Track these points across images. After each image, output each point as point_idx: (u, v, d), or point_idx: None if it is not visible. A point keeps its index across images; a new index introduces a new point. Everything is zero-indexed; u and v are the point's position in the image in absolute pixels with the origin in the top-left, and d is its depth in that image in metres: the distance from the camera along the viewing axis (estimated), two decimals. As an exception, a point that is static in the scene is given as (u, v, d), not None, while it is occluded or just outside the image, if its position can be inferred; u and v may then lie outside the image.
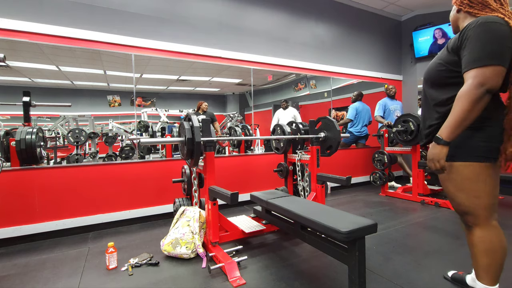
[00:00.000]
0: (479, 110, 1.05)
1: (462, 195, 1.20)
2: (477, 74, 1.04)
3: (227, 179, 3.31)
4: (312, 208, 1.76)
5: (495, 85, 1.04)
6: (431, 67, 1.29)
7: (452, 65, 1.17)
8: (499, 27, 1.05)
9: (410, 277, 1.66)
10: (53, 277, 1.80)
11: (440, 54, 1.27)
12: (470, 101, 1.04)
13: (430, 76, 1.29)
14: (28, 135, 2.39)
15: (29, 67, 4.28)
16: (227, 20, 3.52)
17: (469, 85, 1.05)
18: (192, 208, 2.16)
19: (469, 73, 1.06)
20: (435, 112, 1.26)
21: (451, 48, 1.19)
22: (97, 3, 2.79)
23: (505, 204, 3.22)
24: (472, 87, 1.04)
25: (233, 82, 5.85)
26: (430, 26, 4.65)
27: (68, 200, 2.55)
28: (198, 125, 1.85)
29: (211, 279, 1.70)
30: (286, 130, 2.61)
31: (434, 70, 1.27)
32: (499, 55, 1.04)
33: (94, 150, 3.78)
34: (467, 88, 1.05)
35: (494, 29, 1.05)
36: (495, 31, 1.05)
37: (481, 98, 1.04)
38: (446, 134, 1.10)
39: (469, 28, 1.10)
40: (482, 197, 1.16)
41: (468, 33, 1.10)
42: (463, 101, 1.05)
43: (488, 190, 1.16)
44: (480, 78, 1.03)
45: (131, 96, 4.92)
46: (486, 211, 1.17)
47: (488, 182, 1.16)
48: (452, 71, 1.17)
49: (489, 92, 1.04)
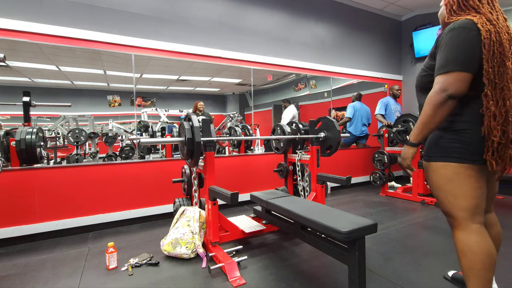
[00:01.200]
0: (442, 115, 1.08)
1: (440, 194, 1.21)
2: (440, 80, 1.08)
3: (227, 179, 3.31)
4: (312, 208, 1.75)
5: (458, 91, 1.06)
6: (418, 73, 1.33)
7: (432, 70, 1.19)
8: (467, 32, 1.06)
9: (410, 277, 1.66)
10: (53, 277, 1.80)
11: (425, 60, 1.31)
12: (432, 106, 1.08)
13: (417, 82, 1.34)
14: (28, 135, 2.39)
15: (29, 67, 4.28)
16: (227, 20, 3.52)
17: (433, 90, 1.09)
18: (192, 208, 2.16)
19: (436, 79, 1.10)
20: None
21: (430, 54, 1.23)
22: (97, 3, 2.79)
23: (505, 204, 3.22)
24: (435, 92, 1.08)
25: (233, 82, 5.85)
26: (430, 26, 4.65)
27: (68, 200, 2.55)
28: (198, 125, 1.85)
29: (211, 279, 1.70)
30: (286, 130, 2.61)
31: (419, 76, 1.31)
32: (463, 61, 1.05)
33: (94, 150, 3.78)
34: (431, 94, 1.10)
35: (462, 34, 1.06)
36: (461, 37, 1.06)
37: (443, 104, 1.07)
38: (413, 136, 1.18)
39: (443, 34, 1.13)
40: (460, 197, 1.14)
41: (441, 38, 1.13)
42: (426, 106, 1.10)
43: (467, 191, 1.13)
44: (443, 84, 1.07)
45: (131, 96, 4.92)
46: (464, 212, 1.15)
47: (467, 183, 1.13)
48: (431, 75, 1.19)
49: (452, 98, 1.06)
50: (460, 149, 1.13)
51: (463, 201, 1.14)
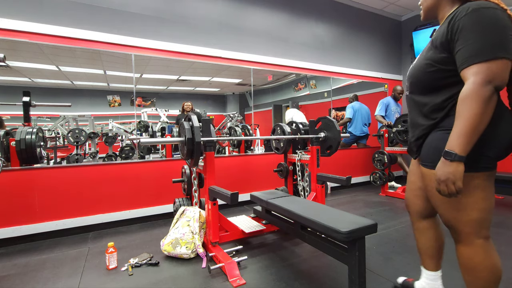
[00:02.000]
0: (491, 112, 0.88)
1: (442, 206, 1.06)
2: (480, 69, 0.87)
3: (227, 179, 3.31)
4: (312, 208, 1.75)
5: (504, 82, 0.88)
6: (418, 69, 1.10)
7: (443, 64, 0.99)
8: (496, 12, 0.89)
9: (410, 277, 1.66)
10: (53, 277, 1.80)
11: (426, 53, 1.09)
12: (480, 103, 0.86)
13: (418, 80, 1.10)
14: (28, 135, 2.39)
15: (29, 67, 4.28)
16: (227, 20, 3.52)
17: (474, 83, 0.87)
18: (192, 208, 2.16)
19: (469, 70, 0.89)
20: (427, 119, 1.07)
21: (439, 43, 1.00)
22: (97, 3, 2.79)
23: (505, 204, 3.22)
24: (479, 85, 0.86)
25: (233, 82, 5.85)
26: (430, 26, 4.65)
27: (68, 200, 2.55)
28: (198, 125, 1.85)
29: (211, 279, 1.70)
30: (286, 130, 2.61)
31: (422, 72, 1.08)
32: (503, 45, 0.87)
33: (94, 150, 3.78)
34: (472, 88, 0.87)
35: (491, 15, 0.88)
36: (493, 18, 0.88)
37: (491, 98, 0.87)
38: (461, 146, 0.88)
39: (459, 17, 0.92)
40: (466, 211, 1.00)
41: (458, 23, 0.92)
42: (471, 103, 0.86)
43: (473, 203, 0.99)
44: (486, 74, 0.86)
45: (131, 96, 4.92)
46: (470, 226, 1.01)
47: (474, 194, 0.99)
48: (444, 70, 1.00)
49: (497, 90, 0.88)
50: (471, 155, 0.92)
51: (469, 214, 1.00)
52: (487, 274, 1.02)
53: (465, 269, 1.07)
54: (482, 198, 0.99)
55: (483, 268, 1.03)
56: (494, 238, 2.33)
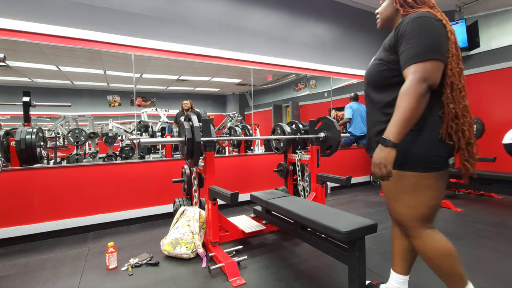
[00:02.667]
0: (423, 107, 0.99)
1: (392, 203, 1.15)
2: (418, 69, 0.98)
3: (227, 179, 3.31)
4: (312, 208, 1.75)
5: (436, 80, 0.99)
6: (372, 69, 1.21)
7: (393, 64, 1.10)
8: (431, 21, 1.02)
9: (410, 277, 1.66)
10: (53, 277, 1.80)
11: (378, 54, 1.20)
12: (414, 98, 0.96)
13: (372, 78, 1.20)
14: (28, 135, 2.39)
15: (29, 67, 4.29)
16: (227, 20, 3.52)
17: (412, 80, 0.97)
18: (192, 208, 2.16)
19: (409, 69, 1.00)
20: (384, 115, 1.14)
21: (388, 46, 1.12)
22: (97, 3, 2.79)
23: (505, 204, 3.22)
24: (415, 82, 0.97)
25: (233, 82, 5.86)
26: (430, 26, 4.65)
27: (68, 200, 2.55)
28: (198, 125, 1.85)
29: (211, 279, 1.70)
30: (286, 130, 2.61)
31: (375, 71, 1.18)
32: (437, 49, 1.00)
33: (94, 150, 3.78)
34: (409, 84, 0.98)
35: (428, 23, 1.01)
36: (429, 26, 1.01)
37: (425, 94, 0.97)
38: (394, 134, 0.98)
39: (403, 24, 1.05)
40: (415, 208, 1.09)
41: (403, 28, 1.04)
42: (407, 97, 0.97)
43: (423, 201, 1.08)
44: (422, 73, 0.97)
45: (131, 96, 4.92)
46: (417, 221, 1.10)
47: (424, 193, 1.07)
48: (393, 69, 1.10)
49: (430, 88, 0.99)
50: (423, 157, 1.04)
51: (417, 211, 1.09)
52: (448, 257, 1.09)
53: (425, 259, 1.14)
54: (432, 196, 1.08)
55: (442, 251, 1.09)
56: (494, 238, 2.34)
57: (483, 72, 4.37)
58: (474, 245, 2.10)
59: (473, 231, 2.37)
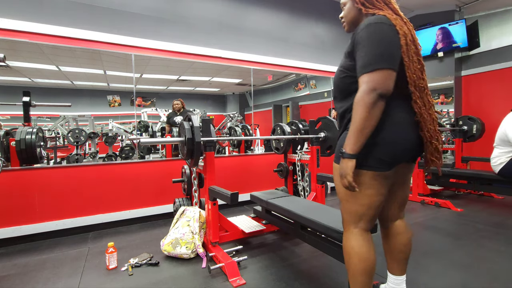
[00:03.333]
0: (376, 116, 0.99)
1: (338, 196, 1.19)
2: (367, 79, 0.99)
3: (227, 179, 3.31)
4: (312, 208, 1.76)
5: (388, 90, 0.99)
6: (336, 76, 1.22)
7: (352, 71, 1.10)
8: (382, 28, 1.01)
9: (410, 277, 1.66)
10: (53, 277, 1.80)
11: (341, 61, 1.21)
12: (364, 108, 0.97)
13: (336, 86, 1.22)
14: (28, 135, 2.39)
15: (29, 67, 4.29)
16: (227, 20, 3.52)
17: (362, 91, 0.99)
18: (192, 208, 2.16)
19: (361, 79, 1.01)
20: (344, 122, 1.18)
21: (347, 53, 1.13)
22: (97, 3, 2.79)
23: (505, 204, 3.22)
24: (364, 93, 0.98)
25: (233, 82, 5.86)
26: (430, 26, 4.65)
27: (68, 200, 2.55)
28: (198, 125, 1.85)
29: (211, 279, 1.70)
30: (286, 130, 2.61)
31: (337, 78, 1.20)
32: (387, 57, 0.99)
33: (94, 150, 3.78)
34: (360, 95, 0.99)
35: (378, 30, 1.01)
36: (379, 33, 1.00)
37: (375, 104, 0.98)
38: (349, 146, 1.02)
39: (358, 31, 1.05)
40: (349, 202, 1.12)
41: (357, 36, 1.05)
42: (359, 108, 0.99)
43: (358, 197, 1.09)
44: (371, 83, 0.98)
45: (131, 96, 4.92)
46: (349, 216, 1.13)
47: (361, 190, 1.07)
48: (352, 76, 1.10)
49: (382, 97, 0.98)
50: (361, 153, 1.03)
51: (351, 206, 1.12)
52: (357, 262, 1.11)
53: (344, 254, 1.17)
54: (366, 195, 1.08)
55: (354, 254, 1.11)
56: (494, 238, 2.34)
57: (483, 72, 4.37)
58: (474, 245, 2.10)
59: (473, 231, 2.37)
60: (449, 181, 3.58)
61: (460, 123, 3.84)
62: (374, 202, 1.10)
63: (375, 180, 1.07)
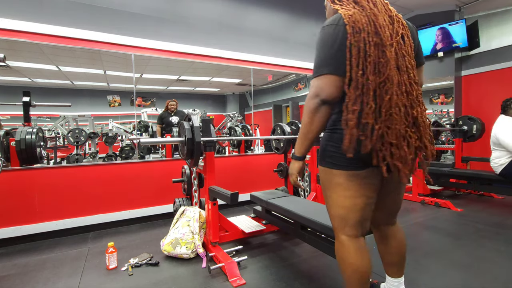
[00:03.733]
0: (320, 121, 1.00)
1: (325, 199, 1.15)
2: (314, 84, 1.00)
3: (227, 179, 3.31)
4: (312, 208, 1.76)
5: (330, 96, 0.98)
6: None
7: None
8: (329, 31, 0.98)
9: (410, 277, 1.66)
10: (53, 277, 1.80)
11: None
12: (307, 113, 1.00)
13: None
14: (28, 135, 2.39)
15: (29, 67, 4.29)
16: (227, 20, 3.52)
17: (308, 96, 1.01)
18: (192, 208, 2.16)
19: (311, 83, 1.03)
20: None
21: None
22: (97, 3, 2.79)
23: (505, 204, 3.22)
24: (309, 98, 1.00)
25: (233, 82, 5.86)
26: (430, 26, 4.65)
27: (68, 200, 2.55)
28: (198, 125, 1.85)
29: (211, 279, 1.70)
30: (286, 130, 2.61)
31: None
32: (329, 62, 0.97)
33: (94, 150, 3.78)
34: (306, 99, 1.02)
35: (324, 35, 0.99)
36: (325, 38, 0.99)
37: (317, 110, 0.99)
38: (296, 149, 1.08)
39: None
40: (332, 206, 1.08)
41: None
42: (304, 113, 1.02)
43: (336, 199, 1.06)
44: (316, 89, 0.99)
45: (131, 96, 4.92)
46: (334, 221, 1.10)
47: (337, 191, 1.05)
48: None
49: (325, 103, 0.98)
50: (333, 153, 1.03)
51: (334, 210, 1.08)
52: (349, 270, 1.06)
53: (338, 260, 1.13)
54: (344, 196, 1.04)
55: (346, 263, 1.07)
56: (494, 238, 2.34)
57: (483, 72, 4.37)
58: (474, 245, 2.10)
59: (473, 231, 2.37)
60: (449, 181, 3.58)
61: (460, 123, 3.84)
62: (355, 205, 1.03)
63: (351, 180, 1.02)
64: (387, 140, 0.94)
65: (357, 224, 1.05)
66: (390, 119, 0.94)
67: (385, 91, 0.94)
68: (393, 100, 0.94)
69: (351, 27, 0.94)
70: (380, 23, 0.96)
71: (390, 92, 0.94)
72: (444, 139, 5.07)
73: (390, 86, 0.94)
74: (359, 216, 1.05)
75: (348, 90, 0.96)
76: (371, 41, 0.94)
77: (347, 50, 0.95)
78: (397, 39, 0.98)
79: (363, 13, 0.97)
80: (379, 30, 0.95)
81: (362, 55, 0.94)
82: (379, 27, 0.95)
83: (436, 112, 5.36)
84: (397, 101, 0.94)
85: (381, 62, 0.94)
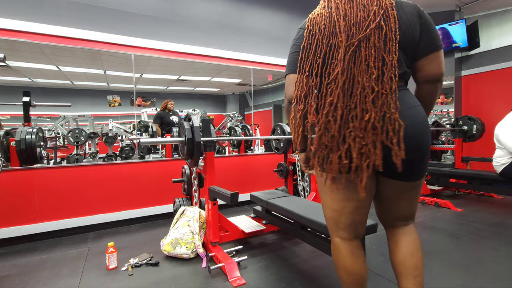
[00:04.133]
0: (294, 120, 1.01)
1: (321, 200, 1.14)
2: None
3: (227, 179, 3.31)
4: (312, 208, 1.76)
5: (290, 94, 1.03)
6: None
7: None
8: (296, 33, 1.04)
9: (410, 277, 1.66)
10: (53, 277, 1.80)
11: None
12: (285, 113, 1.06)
13: None
14: (28, 135, 2.39)
15: (29, 67, 4.29)
16: (227, 20, 3.52)
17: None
18: (192, 208, 2.16)
19: None
20: None
21: None
22: (97, 3, 2.79)
23: (505, 204, 3.22)
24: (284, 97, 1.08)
25: (233, 82, 5.86)
26: (430, 26, 4.65)
27: (68, 200, 2.55)
28: (198, 125, 1.85)
29: (211, 279, 1.70)
30: (286, 130, 2.61)
31: None
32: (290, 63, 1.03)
33: (94, 150, 3.78)
34: None
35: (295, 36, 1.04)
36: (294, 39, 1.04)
37: (288, 108, 1.05)
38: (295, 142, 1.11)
39: None
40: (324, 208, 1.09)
41: None
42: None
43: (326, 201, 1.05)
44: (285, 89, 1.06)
45: (131, 96, 4.92)
46: (329, 223, 1.09)
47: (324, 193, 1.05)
48: None
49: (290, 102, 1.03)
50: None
51: (326, 212, 1.08)
52: (342, 272, 1.05)
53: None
54: (334, 199, 1.02)
55: (340, 265, 1.06)
56: (494, 238, 2.33)
57: (483, 72, 4.37)
58: (474, 245, 2.10)
59: (473, 231, 2.37)
60: (449, 181, 3.58)
61: (460, 123, 3.84)
62: (345, 207, 0.99)
63: (338, 183, 0.96)
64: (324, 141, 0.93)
65: (349, 227, 1.03)
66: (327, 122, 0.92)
67: (329, 93, 0.91)
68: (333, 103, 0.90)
69: (309, 30, 0.98)
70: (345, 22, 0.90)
71: (333, 95, 0.90)
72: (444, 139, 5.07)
73: (334, 88, 0.90)
74: (351, 220, 1.01)
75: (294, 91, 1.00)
76: (324, 43, 0.93)
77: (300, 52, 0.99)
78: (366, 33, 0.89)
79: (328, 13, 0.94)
80: (337, 30, 0.90)
81: (311, 57, 0.95)
82: (339, 27, 0.90)
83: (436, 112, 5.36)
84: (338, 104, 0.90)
85: (333, 63, 0.91)
